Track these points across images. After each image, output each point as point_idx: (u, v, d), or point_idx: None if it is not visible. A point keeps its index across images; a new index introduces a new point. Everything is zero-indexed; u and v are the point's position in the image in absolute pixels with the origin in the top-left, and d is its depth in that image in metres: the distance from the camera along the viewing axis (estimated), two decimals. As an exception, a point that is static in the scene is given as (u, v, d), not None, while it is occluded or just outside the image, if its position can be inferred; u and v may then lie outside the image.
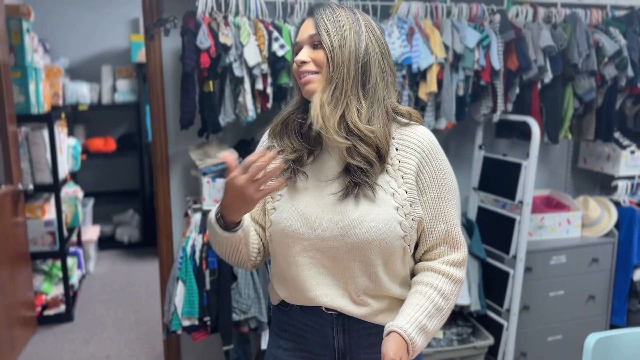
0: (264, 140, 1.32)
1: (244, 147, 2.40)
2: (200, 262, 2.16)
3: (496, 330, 2.61)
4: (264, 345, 2.25)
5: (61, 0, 4.91)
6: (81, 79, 4.88)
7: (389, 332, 1.10)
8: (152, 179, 5.10)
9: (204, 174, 2.20)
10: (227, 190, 1.13)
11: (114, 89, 4.84)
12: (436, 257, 1.22)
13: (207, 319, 2.14)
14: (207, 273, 2.15)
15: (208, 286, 2.14)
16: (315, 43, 1.17)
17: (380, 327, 1.21)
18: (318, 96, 1.16)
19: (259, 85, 2.14)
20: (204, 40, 1.99)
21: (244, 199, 1.10)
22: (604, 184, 3.20)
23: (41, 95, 3.45)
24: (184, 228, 2.53)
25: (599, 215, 2.84)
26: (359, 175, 1.14)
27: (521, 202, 2.45)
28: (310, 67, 1.17)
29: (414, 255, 1.24)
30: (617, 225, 2.82)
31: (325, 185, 1.19)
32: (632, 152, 2.87)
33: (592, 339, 1.63)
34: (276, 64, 2.11)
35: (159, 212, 2.54)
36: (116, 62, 5.01)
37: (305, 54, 1.17)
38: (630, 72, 2.51)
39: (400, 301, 1.22)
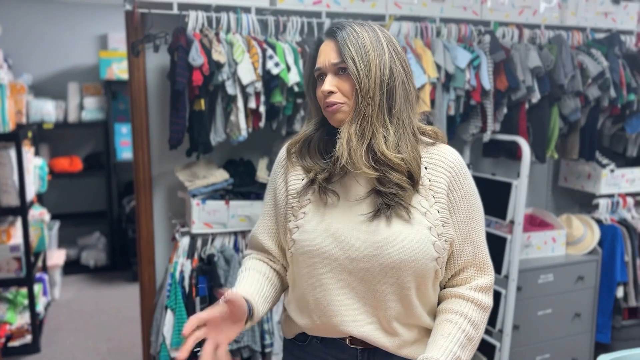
0: (283, 154, 1.26)
1: (233, 167, 2.32)
2: (190, 288, 2.05)
3: (488, 351, 2.59)
4: (256, 375, 2.15)
5: (25, 15, 4.72)
6: (46, 96, 4.69)
7: None
8: (120, 200, 4.92)
9: (194, 195, 2.11)
10: None
11: (81, 107, 4.66)
12: (463, 282, 1.17)
13: (197, 349, 2.02)
14: (197, 300, 2.04)
15: (199, 314, 2.03)
16: (341, 70, 1.12)
17: None
18: (346, 129, 1.11)
19: (252, 104, 2.08)
20: (196, 57, 1.91)
21: None
22: (583, 202, 3.25)
23: (6, 113, 3.27)
24: (171, 252, 2.41)
25: (582, 234, 2.87)
26: (392, 198, 1.09)
27: (512, 222, 2.45)
28: (338, 97, 1.12)
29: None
30: (600, 243, 2.86)
31: (353, 204, 1.13)
32: (612, 170, 2.92)
33: (602, 360, 1.61)
34: (270, 82, 2.05)
35: (140, 235, 2.42)
36: (83, 79, 4.84)
37: (330, 83, 1.12)
38: (612, 92, 2.56)
39: (428, 332, 1.16)
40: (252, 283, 1.20)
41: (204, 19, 2.06)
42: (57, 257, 4.30)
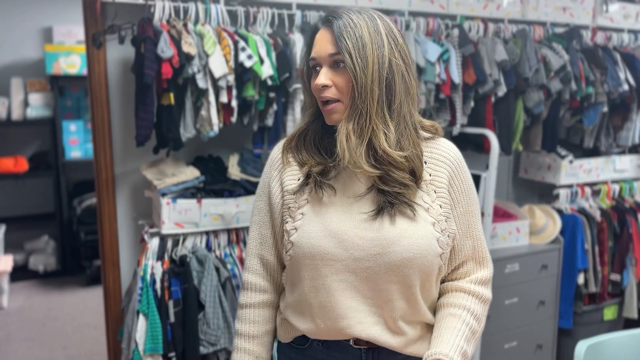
0: (277, 154, 1.20)
1: (202, 164, 2.24)
2: (162, 292, 1.96)
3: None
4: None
5: (-39, 5, 4.42)
6: (-14, 92, 4.41)
7: None
8: (70, 201, 4.69)
9: (163, 194, 2.01)
10: None
11: (25, 104, 4.41)
12: (463, 276, 1.16)
13: (172, 354, 1.94)
14: (170, 304, 1.95)
15: (172, 318, 1.94)
16: (337, 62, 1.06)
17: (412, 358, 1.13)
18: (344, 127, 1.05)
19: (224, 98, 2.00)
20: (165, 49, 1.82)
21: None
22: (542, 193, 3.34)
23: (-53, 110, 3.04)
24: (138, 254, 2.30)
25: (544, 223, 2.95)
26: (396, 196, 1.05)
27: (482, 214, 2.48)
28: (332, 92, 1.07)
29: None
30: (562, 232, 2.94)
31: (353, 201, 1.09)
32: (571, 161, 3.01)
33: (582, 346, 1.65)
34: (243, 75, 1.98)
35: (103, 237, 2.29)
36: (27, 74, 4.58)
37: (326, 76, 1.06)
38: (573, 85, 2.63)
39: (430, 328, 1.14)
40: None
41: (170, 9, 1.96)
42: (4, 263, 4.05)
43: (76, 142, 4.57)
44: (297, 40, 2.10)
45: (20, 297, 4.17)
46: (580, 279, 2.95)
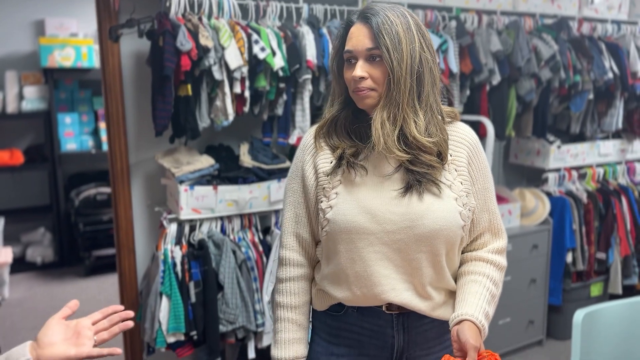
0: (309, 140, 1.30)
1: (214, 153, 2.33)
2: (183, 274, 2.06)
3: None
4: (251, 354, 2.19)
5: (-47, -2, 4.41)
6: (-20, 86, 4.41)
7: (461, 321, 1.14)
8: (67, 193, 4.72)
9: (181, 181, 2.10)
10: None
11: (20, 97, 4.43)
12: (481, 247, 1.28)
13: (193, 333, 2.05)
14: (191, 285, 2.05)
15: (193, 299, 2.05)
16: (373, 56, 1.16)
17: (437, 322, 1.25)
18: (379, 116, 1.16)
19: (237, 89, 2.09)
20: (184, 42, 1.91)
21: None
22: (530, 177, 3.50)
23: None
24: (152, 240, 2.40)
25: (534, 206, 3.10)
26: (424, 175, 1.17)
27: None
28: (368, 83, 1.16)
29: None
30: (551, 214, 3.10)
31: (383, 180, 1.20)
32: (559, 146, 3.17)
33: (579, 314, 1.78)
34: (257, 67, 2.07)
35: (119, 225, 2.38)
36: (21, 67, 4.58)
37: (362, 68, 1.16)
38: (562, 74, 2.78)
39: (452, 294, 1.26)
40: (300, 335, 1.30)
41: (185, 3, 2.05)
42: (4, 254, 4.09)
43: (71, 135, 4.61)
44: (306, 33, 2.20)
45: (21, 288, 4.22)
46: (569, 258, 3.12)
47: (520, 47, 2.65)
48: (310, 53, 2.17)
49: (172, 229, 2.14)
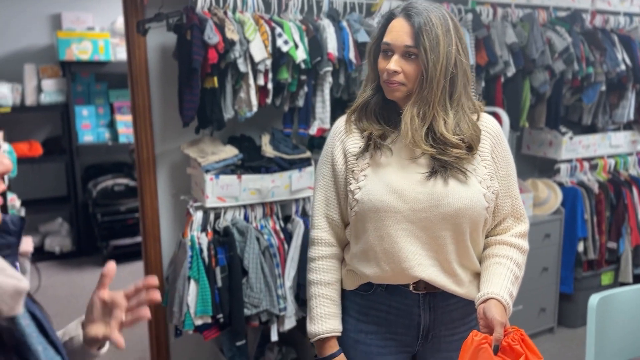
0: (339, 126, 1.37)
1: (236, 144, 2.40)
2: (210, 259, 2.14)
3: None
4: (274, 337, 2.27)
5: (-28, -7, 4.48)
6: (0, 79, 4.50)
7: (487, 300, 1.21)
8: (84, 184, 4.82)
9: (207, 171, 2.18)
10: None
11: (39, 89, 4.51)
12: (504, 231, 1.35)
13: (219, 316, 2.13)
14: (217, 270, 2.13)
15: (219, 283, 2.12)
16: (410, 54, 1.22)
17: (462, 303, 1.32)
18: (409, 111, 1.23)
19: (260, 81, 2.16)
20: (212, 35, 1.97)
21: None
22: (542, 168, 3.55)
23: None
24: (178, 228, 2.47)
25: (547, 196, 3.16)
26: (449, 163, 1.23)
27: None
28: (400, 78, 1.23)
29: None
30: (563, 204, 3.16)
31: (409, 163, 1.27)
32: (571, 138, 3.22)
33: (594, 299, 1.85)
34: (280, 59, 2.14)
35: (144, 213, 2.46)
36: (39, 60, 4.66)
37: (397, 63, 1.22)
38: (576, 66, 2.83)
39: (477, 275, 1.33)
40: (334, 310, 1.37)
41: (212, -3, 2.11)
42: (25, 244, 4.18)
43: (88, 127, 4.70)
44: (327, 26, 2.26)
45: (42, 276, 4.32)
46: (580, 247, 3.18)
47: (534, 39, 2.70)
48: (331, 46, 2.23)
49: (198, 216, 2.21)
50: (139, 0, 2.25)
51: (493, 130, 1.32)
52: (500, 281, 1.25)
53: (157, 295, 0.99)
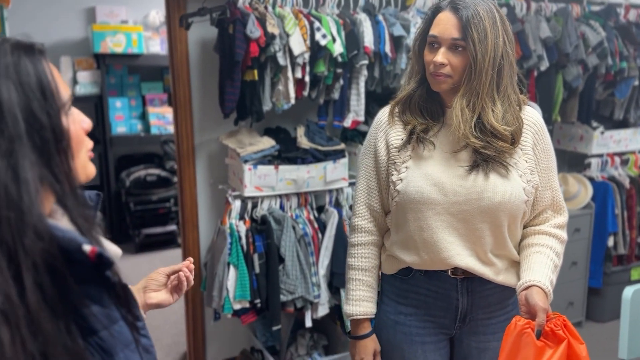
0: (382, 118, 1.42)
1: (272, 135, 2.46)
2: (248, 246, 2.21)
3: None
4: (308, 323, 2.34)
5: (12, -13, 4.61)
6: (37, 70, 4.62)
7: (529, 287, 1.25)
8: (116, 174, 4.94)
9: (245, 161, 2.24)
10: None
11: (74, 81, 4.64)
12: (543, 222, 1.38)
13: (257, 301, 2.20)
14: (255, 257, 2.20)
15: (257, 269, 2.20)
16: (457, 46, 1.24)
17: (499, 288, 1.36)
18: (459, 103, 1.26)
19: (298, 74, 2.22)
20: (254, 29, 2.03)
21: None
22: (571, 163, 3.55)
23: None
24: (216, 217, 2.55)
25: (577, 190, 3.17)
26: (493, 157, 1.27)
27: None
28: (447, 70, 1.26)
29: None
30: (593, 198, 3.16)
31: (451, 156, 1.31)
32: (602, 132, 3.22)
33: (629, 291, 1.86)
34: (318, 53, 2.19)
35: (184, 202, 2.54)
36: (74, 53, 4.79)
37: (444, 55, 1.25)
38: (609, 60, 2.83)
39: (514, 263, 1.37)
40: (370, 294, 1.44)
41: (252, -8, 2.17)
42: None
43: (122, 118, 4.81)
44: (363, 20, 2.30)
45: (76, 263, 4.46)
46: (610, 242, 3.18)
47: (568, 33, 2.70)
48: (368, 39, 2.27)
49: (236, 205, 2.29)
50: (183, -5, 2.32)
51: (536, 124, 1.35)
52: (541, 269, 1.29)
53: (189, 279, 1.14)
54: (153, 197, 4.68)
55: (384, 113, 1.43)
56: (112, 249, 0.75)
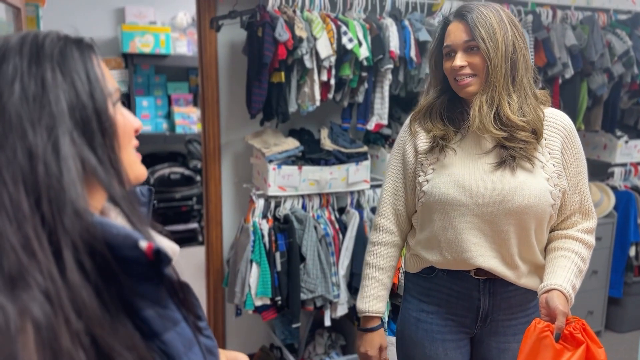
0: (407, 124, 1.46)
1: (295, 136, 2.51)
2: (270, 244, 2.25)
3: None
4: (327, 322, 2.38)
5: (46, -13, 4.74)
6: (68, 69, 4.75)
7: (550, 290, 1.27)
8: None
9: (270, 161, 2.29)
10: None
11: (103, 80, 4.74)
12: (571, 226, 1.39)
13: (278, 298, 2.25)
14: (277, 255, 2.25)
15: (279, 267, 2.24)
16: (471, 47, 1.30)
17: (521, 290, 1.38)
18: (478, 99, 1.30)
19: (324, 77, 2.26)
20: (282, 32, 2.08)
21: None
22: (594, 172, 3.52)
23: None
24: (239, 215, 2.61)
25: (599, 199, 3.15)
26: (517, 150, 1.30)
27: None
28: (468, 70, 1.30)
29: None
30: (615, 207, 3.15)
31: (478, 158, 1.34)
32: (626, 141, 3.20)
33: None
34: (344, 56, 2.23)
35: (208, 199, 2.60)
36: (103, 52, 4.89)
37: (461, 59, 1.30)
38: (635, 69, 2.82)
39: (538, 266, 1.38)
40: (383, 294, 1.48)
41: (281, -4, 2.22)
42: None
43: (147, 117, 4.91)
44: (389, 25, 2.34)
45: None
46: (632, 252, 3.16)
47: (594, 42, 2.70)
48: (394, 44, 2.31)
49: (260, 203, 2.33)
50: (216, -1, 2.38)
51: (565, 127, 1.36)
52: (563, 273, 1.30)
53: None
54: (176, 195, 4.76)
55: (409, 119, 1.47)
56: (169, 246, 0.72)
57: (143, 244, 0.59)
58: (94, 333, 0.56)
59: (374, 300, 1.45)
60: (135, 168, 0.74)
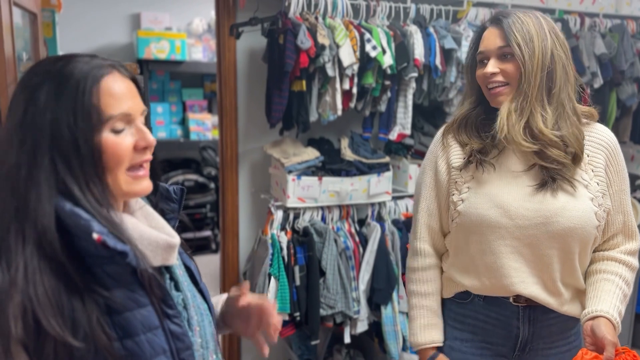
0: (438, 137, 1.38)
1: (315, 146, 2.43)
2: (289, 258, 2.18)
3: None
4: (347, 339, 2.29)
5: (62, -8, 4.73)
6: (83, 74, 4.73)
7: (595, 317, 1.18)
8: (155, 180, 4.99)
9: (289, 171, 2.22)
10: None
11: (118, 86, 4.71)
12: (613, 247, 1.30)
13: (297, 314, 2.17)
14: (296, 269, 2.17)
15: (298, 282, 2.17)
16: (505, 54, 1.22)
17: (562, 317, 1.29)
18: (506, 106, 1.22)
19: (346, 85, 2.19)
20: (305, 40, 2.02)
21: None
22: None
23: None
24: (257, 226, 2.54)
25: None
26: (557, 172, 1.22)
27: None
28: (499, 78, 1.23)
29: None
30: (644, 221, 3.04)
31: (514, 176, 1.25)
32: (655, 153, 3.10)
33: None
34: (367, 64, 2.16)
35: (225, 209, 2.53)
36: (119, 57, 4.86)
37: (494, 65, 1.23)
38: (667, 79, 2.72)
39: (580, 291, 1.30)
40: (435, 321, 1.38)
41: (303, 2, 2.16)
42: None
43: (162, 123, 4.88)
44: (414, 32, 2.26)
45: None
46: (661, 267, 3.04)
47: (624, 50, 2.61)
48: (418, 52, 2.23)
49: (278, 215, 2.26)
50: (231, 4, 2.33)
51: (609, 144, 1.28)
52: (609, 299, 1.22)
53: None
54: (190, 202, 4.71)
55: (441, 131, 1.40)
56: (162, 238, 0.83)
57: (95, 235, 0.73)
58: (35, 310, 0.70)
59: (425, 330, 1.37)
60: (133, 186, 0.82)
